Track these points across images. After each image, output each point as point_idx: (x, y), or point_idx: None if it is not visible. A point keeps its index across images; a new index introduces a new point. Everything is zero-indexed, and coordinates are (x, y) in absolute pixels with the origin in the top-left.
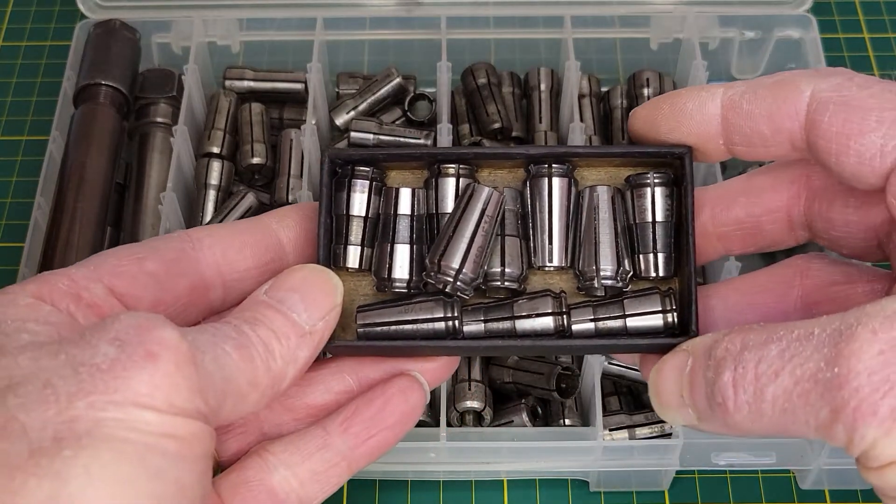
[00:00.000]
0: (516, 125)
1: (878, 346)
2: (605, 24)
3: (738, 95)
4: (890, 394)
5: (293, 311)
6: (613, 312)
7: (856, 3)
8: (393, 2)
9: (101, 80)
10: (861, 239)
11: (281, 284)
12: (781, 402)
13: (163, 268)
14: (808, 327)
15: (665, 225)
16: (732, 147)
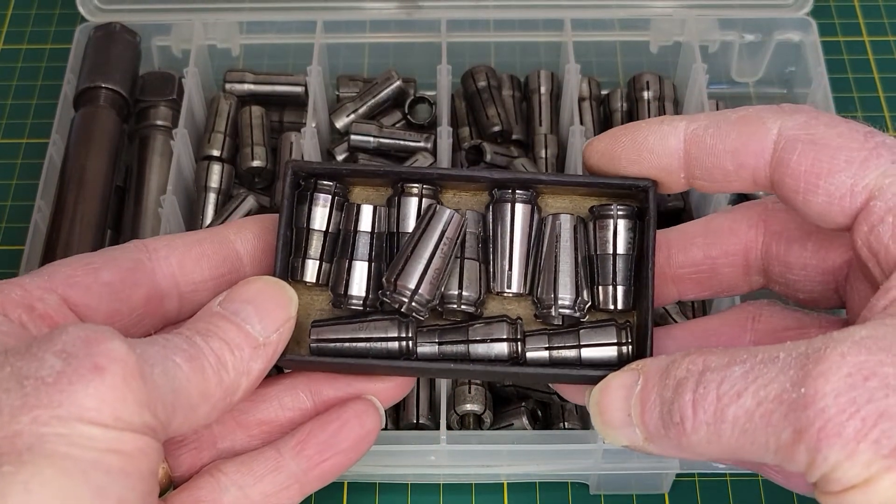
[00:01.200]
0: (516, 128)
1: (847, 369)
2: (605, 27)
3: (701, 129)
4: (856, 416)
5: (247, 323)
6: (568, 342)
7: (856, 7)
8: (393, 5)
9: (101, 83)
10: (818, 282)
11: (235, 296)
12: (742, 423)
13: (118, 278)
14: (773, 351)
15: (626, 258)
16: (693, 181)
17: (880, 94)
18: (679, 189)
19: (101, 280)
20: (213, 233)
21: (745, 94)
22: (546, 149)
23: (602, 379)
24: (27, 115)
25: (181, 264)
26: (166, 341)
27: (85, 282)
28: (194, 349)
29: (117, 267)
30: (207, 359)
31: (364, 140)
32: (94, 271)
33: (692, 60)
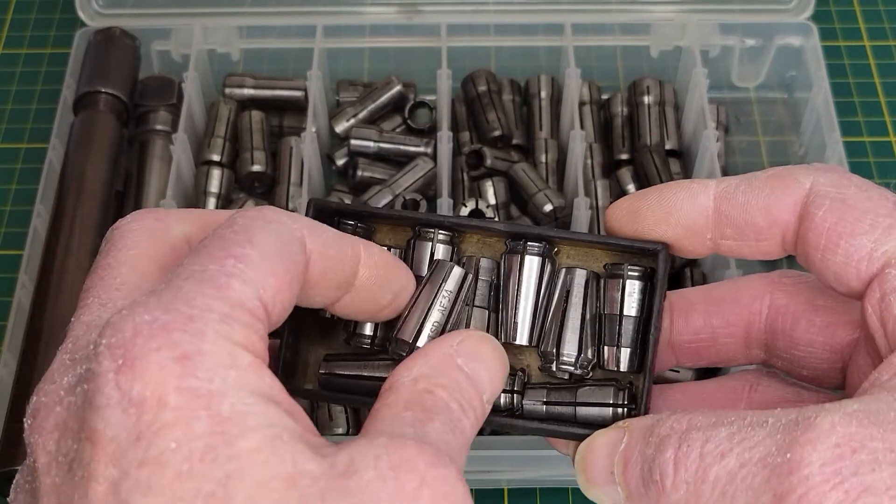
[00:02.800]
0: (516, 133)
1: (835, 439)
2: (606, 32)
3: (732, 188)
4: (839, 487)
5: (482, 389)
6: (566, 398)
7: (856, 11)
8: (393, 9)
9: (100, 88)
10: (824, 360)
11: (472, 352)
12: (723, 485)
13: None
14: (762, 416)
15: (634, 320)
16: (721, 241)
17: (881, 98)
18: (702, 252)
19: (293, 291)
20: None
21: (746, 99)
22: (546, 153)
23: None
24: (27, 120)
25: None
26: (436, 410)
27: (285, 297)
28: (452, 417)
29: (300, 274)
30: (461, 425)
31: (364, 145)
32: (289, 283)
33: (693, 65)
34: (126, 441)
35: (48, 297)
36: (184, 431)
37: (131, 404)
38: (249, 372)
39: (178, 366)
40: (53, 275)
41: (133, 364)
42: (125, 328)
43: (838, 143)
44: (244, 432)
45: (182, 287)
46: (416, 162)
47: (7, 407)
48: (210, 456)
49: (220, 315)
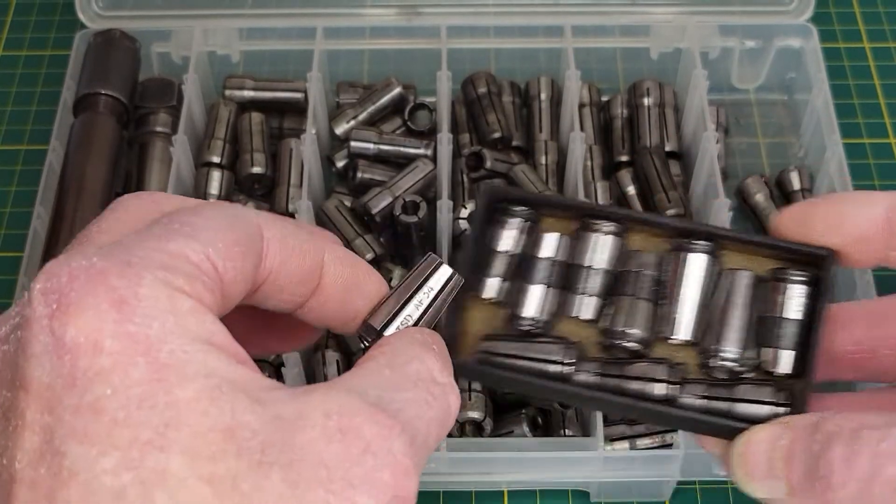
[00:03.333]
0: (516, 135)
1: None
2: (606, 34)
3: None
4: None
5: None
6: (724, 394)
7: (856, 13)
8: (393, 11)
9: (100, 90)
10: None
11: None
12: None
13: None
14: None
15: (796, 324)
16: (890, 252)
17: (881, 100)
18: (870, 263)
19: (246, 266)
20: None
21: (746, 101)
22: (546, 155)
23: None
24: (27, 122)
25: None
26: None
27: (236, 265)
28: (434, 391)
29: (255, 254)
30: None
31: (364, 146)
32: (242, 254)
33: (693, 67)
34: (61, 388)
35: None
36: (120, 378)
37: (66, 350)
38: (189, 317)
39: (115, 310)
40: None
41: (67, 309)
42: (60, 273)
43: (838, 144)
44: (182, 381)
45: (123, 241)
46: (415, 164)
47: None
48: (148, 403)
49: (159, 262)
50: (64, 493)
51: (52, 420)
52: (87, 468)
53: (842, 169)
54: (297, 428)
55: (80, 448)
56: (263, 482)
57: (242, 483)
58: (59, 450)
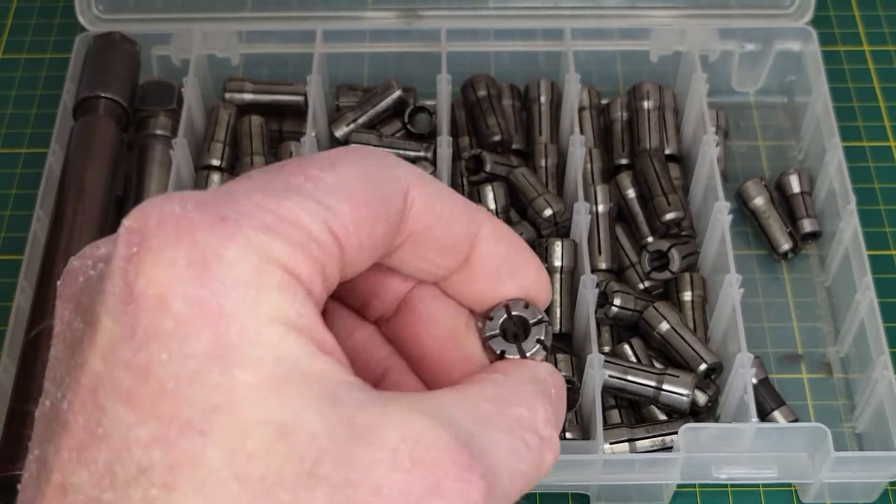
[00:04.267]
0: (516, 138)
1: None
2: (605, 37)
3: None
4: None
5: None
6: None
7: (856, 16)
8: (393, 14)
9: (100, 93)
10: None
11: (559, 391)
12: None
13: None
14: None
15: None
16: None
17: (881, 103)
18: None
19: (375, 233)
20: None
21: (746, 104)
22: (546, 158)
23: None
24: (26, 125)
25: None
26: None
27: (362, 234)
28: (528, 442)
29: (390, 218)
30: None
31: None
32: (373, 220)
33: (692, 70)
34: (119, 337)
35: (48, 303)
36: (179, 345)
37: (132, 299)
38: (275, 293)
39: (192, 270)
40: (53, 280)
41: (145, 255)
42: (151, 215)
43: (838, 147)
44: (245, 363)
45: (231, 189)
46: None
47: (6, 412)
48: (200, 379)
49: (260, 222)
50: (94, 450)
51: (104, 370)
52: (121, 433)
53: (841, 172)
54: (364, 443)
55: (120, 408)
56: (304, 497)
57: (280, 492)
58: (101, 403)
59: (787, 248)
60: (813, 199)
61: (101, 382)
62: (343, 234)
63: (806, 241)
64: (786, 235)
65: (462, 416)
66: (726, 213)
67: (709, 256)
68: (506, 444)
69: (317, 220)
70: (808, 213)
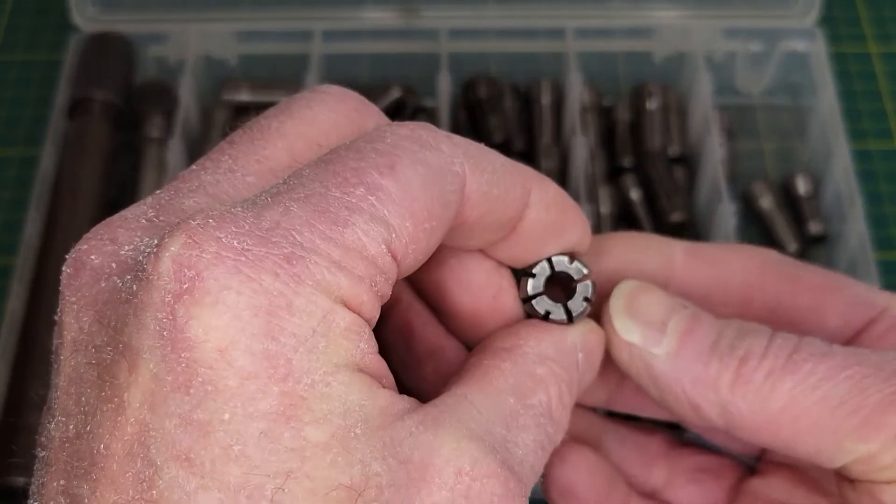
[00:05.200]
0: (518, 139)
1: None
2: (608, 37)
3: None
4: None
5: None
6: None
7: (862, 17)
8: (392, 14)
9: (95, 94)
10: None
11: (592, 351)
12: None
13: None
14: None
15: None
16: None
17: (887, 105)
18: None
19: (432, 242)
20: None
21: (750, 105)
22: (548, 160)
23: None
24: (20, 126)
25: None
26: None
27: (420, 248)
28: (548, 431)
29: (447, 220)
30: (546, 445)
31: None
32: (432, 231)
33: (696, 70)
34: (170, 388)
35: (42, 307)
36: (245, 404)
37: (185, 347)
38: (343, 339)
39: (259, 321)
40: (47, 284)
41: (202, 300)
42: (205, 245)
43: (844, 149)
44: (316, 420)
45: (290, 210)
46: None
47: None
48: (270, 443)
49: (327, 262)
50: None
51: (153, 421)
52: (179, 499)
53: (848, 174)
54: (424, 483)
55: (178, 471)
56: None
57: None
58: (154, 461)
59: (793, 250)
60: (819, 202)
61: (152, 437)
62: (403, 254)
63: (812, 243)
64: (792, 237)
65: (494, 422)
66: (731, 216)
67: None
68: (532, 443)
69: (379, 243)
70: (814, 215)
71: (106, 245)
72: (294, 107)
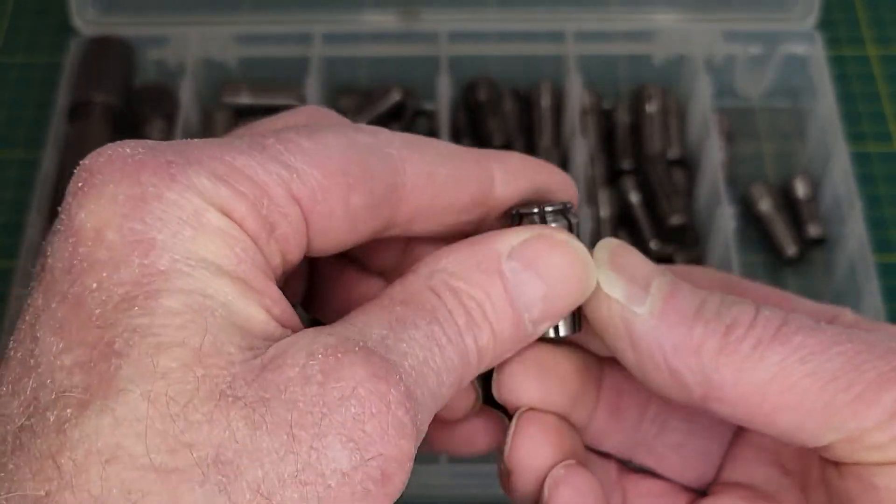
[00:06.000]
0: (518, 141)
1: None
2: (608, 40)
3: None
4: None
5: (526, 308)
6: None
7: (861, 20)
8: (392, 17)
9: (95, 96)
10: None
11: (533, 258)
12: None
13: (373, 202)
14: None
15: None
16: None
17: (886, 108)
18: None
19: (352, 203)
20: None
21: (750, 108)
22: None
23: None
24: (21, 128)
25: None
26: (425, 338)
27: (333, 202)
28: (446, 331)
29: (374, 192)
30: (454, 345)
31: None
32: (348, 188)
33: (696, 73)
34: (58, 271)
35: None
36: (109, 273)
37: (73, 232)
38: (214, 236)
39: (130, 204)
40: None
41: (89, 191)
42: (104, 153)
43: (843, 152)
44: (172, 291)
45: (192, 141)
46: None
47: None
48: (125, 305)
49: (210, 171)
50: (25, 381)
51: (42, 302)
52: (47, 361)
53: (847, 176)
54: (275, 367)
55: (51, 338)
56: (219, 416)
57: (193, 412)
58: (36, 335)
59: (792, 253)
60: (818, 204)
61: (39, 315)
62: (308, 199)
63: (811, 246)
64: (791, 240)
65: (374, 326)
66: (730, 218)
67: (713, 262)
68: (422, 338)
69: (274, 177)
70: (813, 217)
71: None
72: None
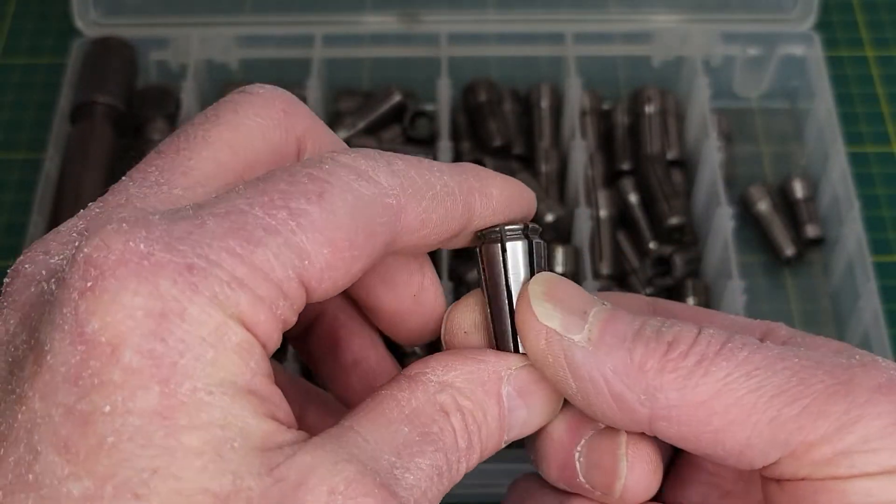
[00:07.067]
0: (517, 142)
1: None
2: (607, 41)
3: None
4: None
5: (509, 429)
6: None
7: (859, 22)
8: (393, 19)
9: (97, 98)
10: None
11: (525, 389)
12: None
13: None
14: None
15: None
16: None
17: (884, 108)
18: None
19: (353, 272)
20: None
21: (748, 109)
22: (547, 163)
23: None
24: (23, 130)
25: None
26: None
27: (337, 276)
28: (449, 458)
29: (374, 254)
30: (453, 470)
31: None
32: (353, 260)
33: (695, 74)
34: (62, 378)
35: None
36: (125, 399)
37: (82, 340)
38: (233, 354)
39: (151, 321)
40: None
41: (101, 296)
42: (113, 247)
43: (841, 153)
44: (192, 427)
45: (206, 224)
46: None
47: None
48: (142, 439)
49: (228, 276)
50: (20, 496)
51: (41, 409)
52: (51, 485)
53: (845, 177)
54: (296, 500)
55: (55, 457)
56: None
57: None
58: (35, 447)
59: (790, 254)
60: (816, 205)
61: (37, 424)
62: (315, 282)
63: (809, 246)
64: (789, 240)
65: (383, 450)
66: (729, 219)
67: (711, 262)
68: (427, 468)
69: (288, 268)
70: (811, 218)
71: (39, 255)
72: (221, 111)
